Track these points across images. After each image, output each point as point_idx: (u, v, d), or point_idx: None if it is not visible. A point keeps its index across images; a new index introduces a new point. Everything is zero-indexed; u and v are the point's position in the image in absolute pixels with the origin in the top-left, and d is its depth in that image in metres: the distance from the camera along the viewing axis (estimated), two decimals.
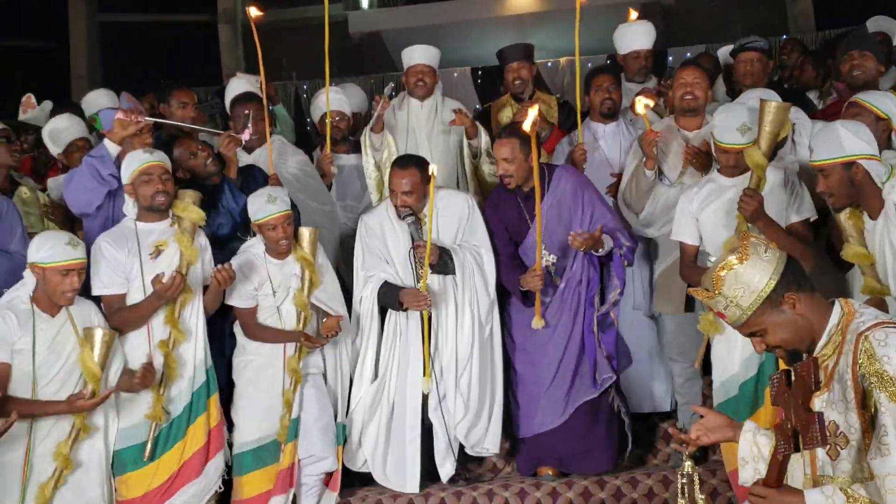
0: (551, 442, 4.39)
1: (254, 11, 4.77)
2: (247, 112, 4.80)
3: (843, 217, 3.53)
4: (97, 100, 5.68)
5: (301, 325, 4.17)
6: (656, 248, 4.61)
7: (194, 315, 4.03)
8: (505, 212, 4.46)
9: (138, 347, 3.92)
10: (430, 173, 4.11)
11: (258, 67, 4.94)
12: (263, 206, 4.10)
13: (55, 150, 5.11)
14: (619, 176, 4.73)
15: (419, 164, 4.37)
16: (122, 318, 3.91)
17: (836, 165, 3.38)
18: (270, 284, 4.19)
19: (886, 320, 2.25)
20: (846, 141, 3.36)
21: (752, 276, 2.29)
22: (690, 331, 4.24)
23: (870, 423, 2.18)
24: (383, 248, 4.44)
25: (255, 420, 4.15)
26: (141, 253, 3.96)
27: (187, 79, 10.15)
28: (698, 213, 4.03)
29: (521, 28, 9.85)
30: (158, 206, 3.99)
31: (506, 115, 5.44)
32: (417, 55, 5.41)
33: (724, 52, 5.71)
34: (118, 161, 4.14)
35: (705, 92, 4.47)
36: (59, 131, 5.04)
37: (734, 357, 3.90)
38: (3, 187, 4.67)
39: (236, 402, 4.21)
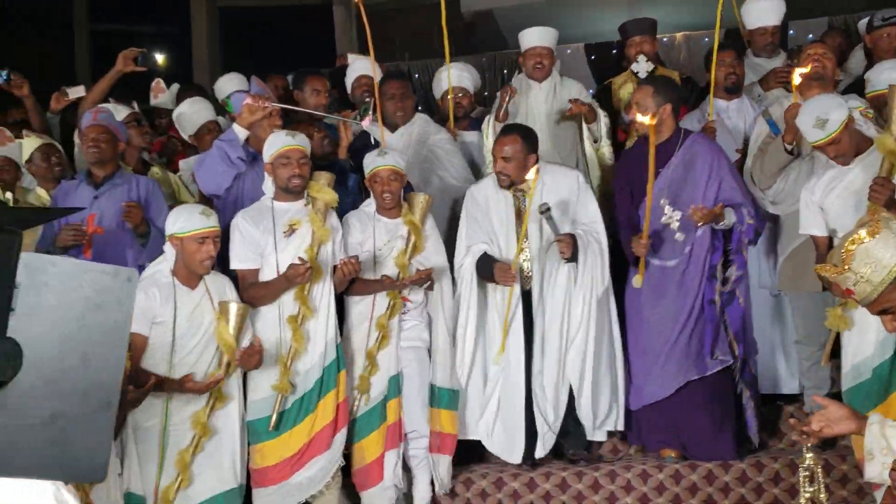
0: (667, 420, 4.37)
1: None
2: (368, 99, 4.87)
3: None
4: (227, 84, 5.85)
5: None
6: (784, 225, 4.50)
7: (325, 293, 4.13)
8: (634, 165, 4.41)
9: (269, 321, 4.06)
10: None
11: (370, 49, 5.00)
12: (374, 159, 4.29)
13: (186, 133, 5.29)
14: (744, 151, 4.64)
15: (523, 132, 4.42)
16: (254, 293, 4.06)
17: None
18: (374, 241, 4.31)
19: None
20: None
21: (883, 252, 2.23)
22: (818, 314, 4.15)
23: None
24: (485, 220, 4.49)
25: None
26: (276, 231, 4.09)
27: (303, 61, 10.44)
28: (822, 201, 3.93)
29: (635, 3, 9.65)
30: (293, 189, 4.12)
31: (627, 92, 5.36)
32: (535, 37, 5.36)
33: (863, 25, 5.43)
34: (247, 144, 4.31)
35: (833, 63, 4.38)
36: (189, 115, 5.21)
37: (867, 338, 3.80)
38: (135, 169, 4.90)
39: None
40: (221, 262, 4.07)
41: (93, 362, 1.26)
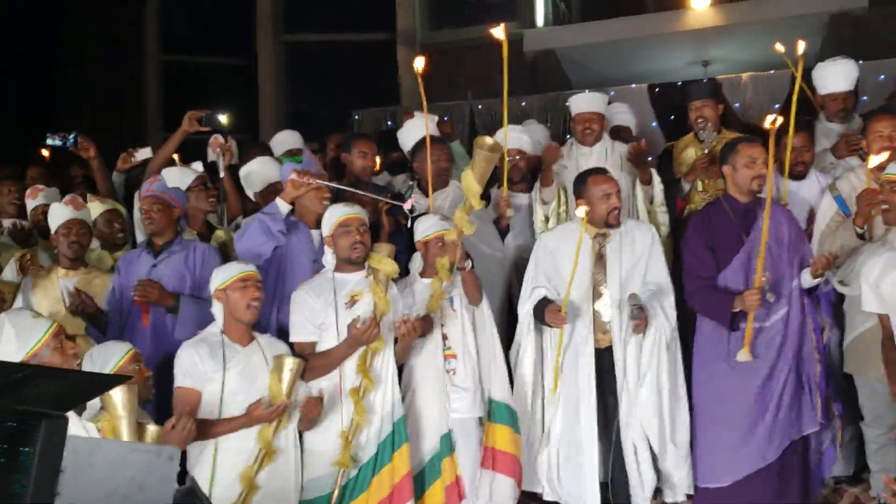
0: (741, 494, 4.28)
1: (419, 64, 4.81)
2: (411, 184, 4.89)
3: None
4: (284, 140, 5.99)
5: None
6: (851, 307, 4.39)
7: (385, 365, 4.13)
8: (717, 228, 4.36)
9: (330, 395, 4.04)
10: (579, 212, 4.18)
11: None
12: (437, 222, 4.34)
13: (252, 190, 5.36)
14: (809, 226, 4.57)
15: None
16: (313, 363, 4.06)
17: None
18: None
19: None
20: None
21: None
22: (887, 395, 4.04)
23: None
24: (553, 268, 4.50)
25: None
26: (337, 302, 4.12)
27: (367, 97, 10.57)
28: (878, 282, 3.85)
29: (701, 42, 9.56)
30: (356, 258, 4.16)
31: (689, 155, 5.32)
32: (584, 103, 5.40)
33: None
34: (288, 218, 4.41)
35: None
36: (257, 173, 5.31)
37: None
38: (200, 232, 4.99)
39: None
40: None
41: None
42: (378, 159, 5.47)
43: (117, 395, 3.31)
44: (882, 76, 7.62)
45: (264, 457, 3.80)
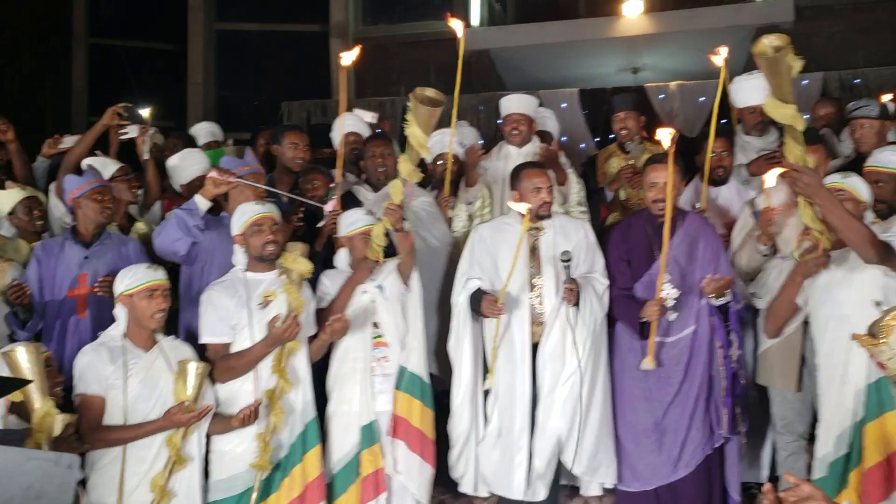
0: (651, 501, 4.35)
1: (345, 59, 4.82)
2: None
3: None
4: (206, 131, 5.91)
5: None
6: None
7: (301, 366, 4.08)
8: (635, 239, 4.42)
9: (244, 396, 3.96)
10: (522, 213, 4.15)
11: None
12: (361, 217, 4.37)
13: (177, 183, 5.26)
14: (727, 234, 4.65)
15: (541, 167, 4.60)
16: (228, 364, 3.97)
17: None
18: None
19: None
20: None
21: None
22: (797, 404, 4.16)
23: None
24: (488, 259, 4.51)
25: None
26: (250, 303, 4.03)
27: (298, 89, 10.45)
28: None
29: (632, 49, 9.69)
30: (268, 256, 4.08)
31: (613, 165, 5.40)
32: (513, 104, 5.44)
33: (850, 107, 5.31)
34: (218, 214, 4.39)
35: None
36: (183, 167, 5.20)
37: (830, 434, 3.79)
38: (121, 224, 4.88)
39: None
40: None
41: None
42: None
43: (22, 354, 3.30)
44: (805, 80, 7.83)
45: (174, 463, 3.74)
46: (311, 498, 4.01)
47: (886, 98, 5.39)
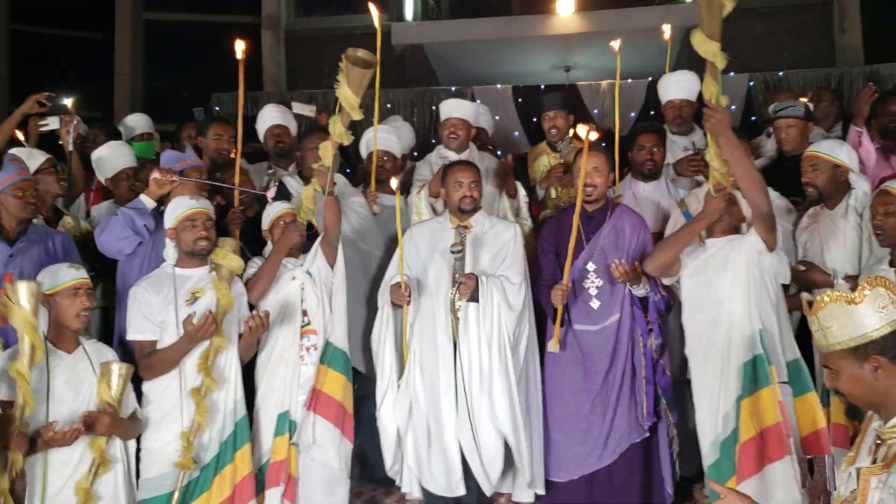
0: (582, 492, 4.41)
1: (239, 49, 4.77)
2: (271, 171, 4.82)
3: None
4: (135, 123, 5.81)
5: None
6: None
7: (229, 364, 4.03)
8: (564, 234, 4.45)
9: (170, 394, 3.92)
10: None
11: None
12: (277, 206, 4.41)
13: (103, 176, 5.12)
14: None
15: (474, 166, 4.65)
16: (151, 361, 3.93)
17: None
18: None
19: None
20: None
21: (852, 320, 2.22)
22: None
23: None
24: (416, 257, 4.54)
25: None
26: (177, 299, 3.97)
27: (229, 80, 10.22)
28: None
29: (564, 47, 9.76)
30: (200, 252, 4.03)
31: (542, 163, 5.44)
32: (453, 109, 5.42)
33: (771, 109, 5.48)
34: (154, 213, 4.32)
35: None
36: (108, 159, 5.07)
37: (718, 414, 3.98)
38: (48, 217, 4.74)
39: None
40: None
41: None
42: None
43: None
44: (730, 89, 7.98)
45: (99, 466, 3.67)
46: (242, 496, 3.98)
47: (803, 100, 5.55)
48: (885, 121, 5.27)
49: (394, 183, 4.29)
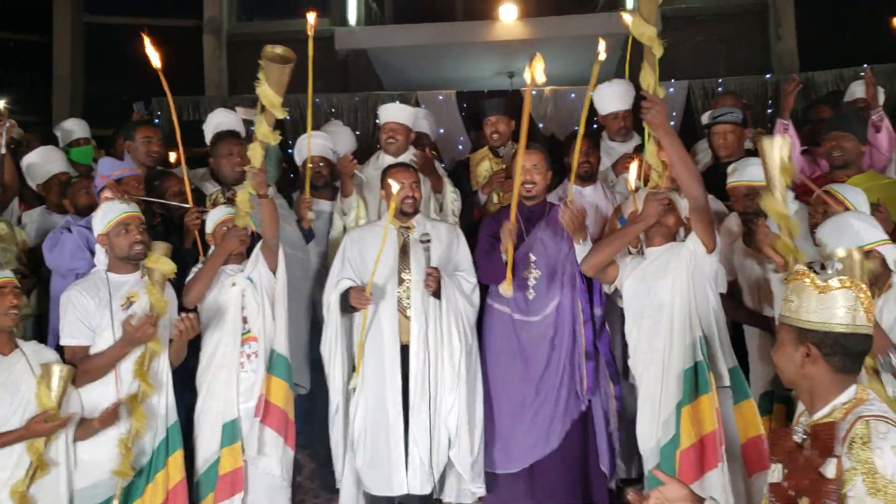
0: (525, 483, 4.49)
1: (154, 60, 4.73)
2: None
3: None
4: (71, 128, 5.72)
5: None
6: None
7: (162, 369, 4.01)
8: (504, 224, 4.49)
9: (106, 400, 3.87)
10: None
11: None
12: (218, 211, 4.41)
13: (34, 182, 5.06)
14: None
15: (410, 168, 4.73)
16: (86, 366, 3.88)
17: None
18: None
19: (893, 419, 2.18)
20: (862, 232, 3.54)
21: (807, 303, 2.27)
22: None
23: None
24: (359, 259, 4.56)
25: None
26: (112, 304, 3.94)
27: (170, 85, 10.08)
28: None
29: (508, 53, 9.81)
30: (136, 256, 4.00)
31: (484, 168, 5.47)
32: (390, 113, 5.44)
33: (705, 118, 5.53)
34: None
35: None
36: (40, 165, 4.99)
37: (658, 420, 4.02)
38: None
39: None
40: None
41: None
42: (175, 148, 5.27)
43: None
44: (671, 89, 8.11)
45: (36, 469, 3.62)
46: (175, 503, 3.94)
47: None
48: (817, 126, 5.36)
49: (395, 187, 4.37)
